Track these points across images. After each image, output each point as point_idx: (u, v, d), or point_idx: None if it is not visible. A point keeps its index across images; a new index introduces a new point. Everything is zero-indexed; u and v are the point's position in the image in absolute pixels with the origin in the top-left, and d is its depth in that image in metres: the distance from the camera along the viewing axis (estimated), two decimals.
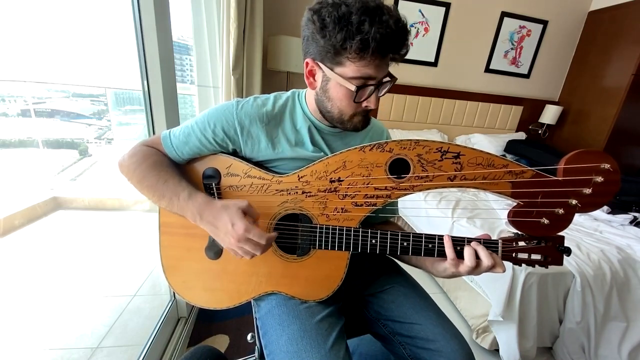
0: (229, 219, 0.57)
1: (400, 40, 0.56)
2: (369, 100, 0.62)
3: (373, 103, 0.62)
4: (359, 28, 0.53)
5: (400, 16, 0.55)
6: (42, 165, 1.22)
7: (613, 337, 1.34)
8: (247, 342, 1.25)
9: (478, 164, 0.60)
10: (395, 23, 0.54)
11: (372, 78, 0.59)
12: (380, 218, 0.82)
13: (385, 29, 0.53)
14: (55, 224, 1.27)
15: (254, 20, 1.79)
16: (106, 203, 1.59)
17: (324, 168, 0.65)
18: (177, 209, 0.62)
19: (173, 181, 0.64)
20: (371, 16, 0.52)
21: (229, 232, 0.57)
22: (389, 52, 0.57)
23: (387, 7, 0.55)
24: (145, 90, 0.97)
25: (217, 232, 0.59)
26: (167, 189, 0.63)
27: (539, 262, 0.63)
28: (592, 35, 2.65)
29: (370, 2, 0.54)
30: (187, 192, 0.62)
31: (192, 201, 0.61)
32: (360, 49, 0.54)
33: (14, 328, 0.95)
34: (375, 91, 0.61)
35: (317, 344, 0.61)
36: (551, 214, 0.59)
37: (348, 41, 0.54)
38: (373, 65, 0.57)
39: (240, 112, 0.67)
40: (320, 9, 0.56)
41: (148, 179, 0.64)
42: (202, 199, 0.61)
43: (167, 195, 0.62)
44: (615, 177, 0.56)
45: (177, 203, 0.62)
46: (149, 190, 0.64)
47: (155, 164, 0.65)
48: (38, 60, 0.97)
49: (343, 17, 0.53)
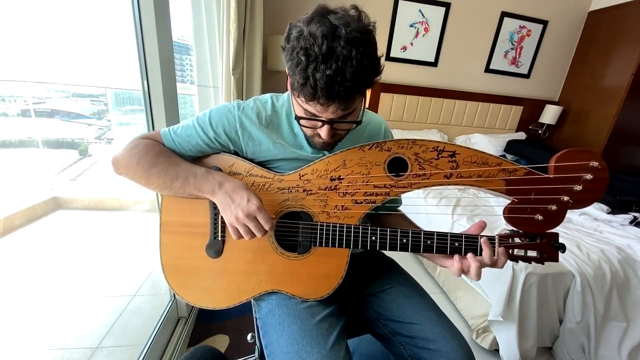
0: (246, 195, 0.61)
1: (335, 95, 0.52)
2: (320, 129, 0.60)
3: (323, 135, 0.60)
4: (296, 68, 0.52)
5: (353, 70, 0.51)
6: (42, 165, 1.22)
7: (613, 337, 1.34)
8: (247, 342, 1.25)
9: (473, 163, 0.62)
10: (332, 77, 0.50)
11: (316, 116, 0.58)
12: (385, 208, 0.81)
13: (316, 80, 0.51)
14: (55, 224, 1.27)
15: (254, 20, 1.79)
16: (106, 203, 1.59)
17: (325, 167, 0.66)
18: (193, 186, 0.64)
19: (185, 163, 0.66)
20: (308, 61, 0.51)
21: (241, 206, 0.60)
22: (317, 100, 0.54)
23: (337, 56, 0.50)
24: (145, 90, 0.97)
25: (230, 203, 0.61)
26: (181, 169, 0.65)
27: (535, 258, 0.64)
28: (592, 35, 2.65)
29: (317, 45, 0.50)
30: (203, 169, 0.66)
31: (211, 175, 0.64)
32: (295, 88, 0.55)
33: (14, 328, 0.95)
34: (324, 125, 0.59)
35: (317, 344, 0.61)
36: (545, 211, 0.61)
37: (291, 74, 0.55)
38: (312, 106, 0.56)
39: (241, 115, 0.68)
40: (292, 27, 0.55)
41: (157, 165, 0.65)
42: (221, 173, 0.66)
43: (182, 175, 0.65)
44: (604, 175, 0.58)
45: (193, 180, 0.64)
46: (159, 175, 0.65)
47: (163, 152, 0.67)
48: (38, 60, 0.97)
49: (293, 49, 0.53)
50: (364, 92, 0.57)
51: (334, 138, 0.64)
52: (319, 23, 0.51)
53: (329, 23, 0.51)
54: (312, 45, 0.51)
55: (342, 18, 0.52)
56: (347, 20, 0.52)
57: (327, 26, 0.51)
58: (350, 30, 0.51)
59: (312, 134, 0.64)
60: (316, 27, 0.51)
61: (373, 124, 0.79)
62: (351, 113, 0.59)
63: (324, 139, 0.61)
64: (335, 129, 0.61)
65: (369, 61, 0.53)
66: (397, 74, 2.59)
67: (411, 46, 2.55)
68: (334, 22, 0.51)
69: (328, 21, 0.51)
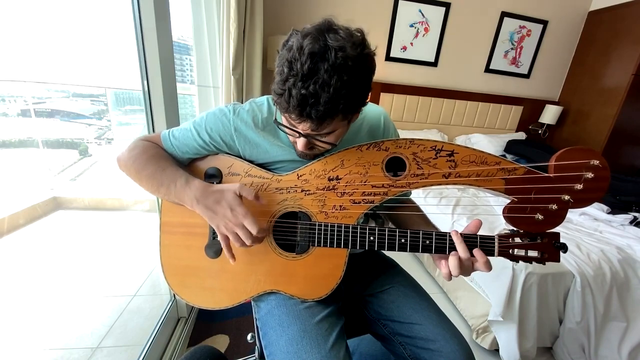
0: (227, 204, 0.59)
1: (310, 114, 0.51)
2: (297, 140, 0.60)
3: (299, 146, 0.60)
4: (278, 78, 0.53)
5: (331, 94, 0.49)
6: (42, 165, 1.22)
7: (613, 337, 1.34)
8: (247, 342, 1.25)
9: (472, 162, 0.62)
10: (306, 97, 0.50)
11: (295, 127, 0.58)
12: (396, 201, 0.80)
13: (291, 96, 0.50)
14: (55, 224, 1.27)
15: (254, 20, 1.79)
16: (106, 203, 1.59)
17: (323, 167, 0.66)
18: (174, 195, 0.64)
19: (171, 169, 0.65)
20: (288, 75, 0.51)
21: (226, 217, 0.59)
22: (293, 115, 0.54)
23: (317, 78, 0.49)
24: (145, 90, 0.97)
25: (213, 216, 0.60)
26: (165, 176, 0.64)
27: (536, 258, 0.63)
28: (592, 35, 2.65)
29: (299, 62, 0.49)
30: (184, 178, 0.64)
31: (189, 186, 0.63)
32: (275, 96, 0.55)
33: (14, 328, 0.95)
34: (300, 137, 0.59)
35: (317, 344, 0.61)
36: (545, 210, 0.60)
37: (275, 91, 0.54)
38: (291, 119, 0.56)
39: (236, 119, 0.68)
40: (287, 44, 0.54)
41: (147, 168, 0.65)
42: (199, 183, 0.63)
43: (165, 182, 0.64)
44: (605, 174, 0.57)
45: (174, 190, 0.63)
46: (148, 179, 0.65)
47: (155, 156, 0.67)
48: (38, 60, 0.97)
49: (280, 58, 0.53)
50: (345, 117, 0.56)
51: (312, 151, 0.63)
52: (313, 40, 0.50)
53: (324, 43, 0.50)
54: (296, 60, 0.50)
55: (339, 40, 0.50)
56: (343, 44, 0.50)
57: (320, 45, 0.49)
58: (342, 55, 0.49)
59: (292, 141, 0.64)
60: (308, 43, 0.49)
61: (370, 116, 0.77)
62: (328, 134, 0.58)
63: (300, 148, 0.61)
64: (312, 143, 0.60)
65: (349, 90, 0.51)
66: (397, 74, 2.58)
67: (411, 46, 2.55)
68: (329, 43, 0.49)
69: (324, 40, 0.50)
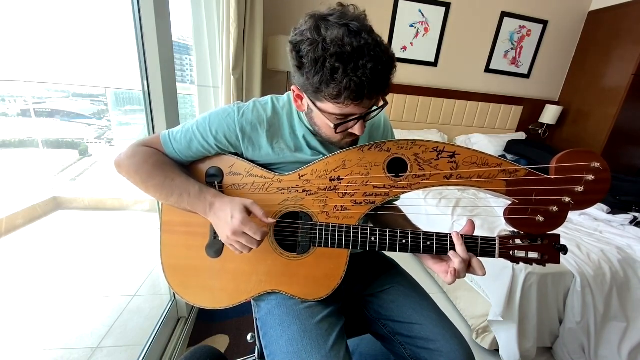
0: (230, 211, 0.60)
1: (378, 85, 0.53)
2: (353, 128, 0.60)
3: (358, 131, 0.60)
4: (332, 76, 0.51)
5: (383, 54, 0.51)
6: (42, 165, 1.22)
7: (613, 337, 1.34)
8: (247, 342, 1.25)
9: (473, 163, 0.62)
10: (373, 69, 0.50)
11: (352, 114, 0.57)
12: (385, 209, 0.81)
13: (360, 78, 0.50)
14: (55, 224, 1.27)
15: (254, 20, 1.79)
16: (106, 203, 1.59)
17: (324, 167, 0.66)
18: (187, 204, 0.64)
19: (181, 179, 0.66)
20: (345, 64, 0.50)
21: (227, 224, 0.59)
22: (364, 98, 0.53)
23: (368, 47, 0.50)
24: (145, 90, 0.97)
25: (218, 223, 0.62)
26: (176, 186, 0.65)
27: (537, 260, 0.63)
28: (592, 35, 2.65)
29: (347, 45, 0.49)
30: (197, 187, 0.65)
31: (204, 195, 0.64)
32: (335, 95, 0.53)
33: (14, 328, 0.95)
34: (359, 122, 0.59)
35: (317, 344, 0.61)
36: (546, 212, 0.60)
37: (323, 85, 0.52)
38: (352, 106, 0.55)
39: (241, 120, 0.67)
40: (298, 43, 0.54)
41: (154, 178, 0.65)
42: (213, 193, 0.65)
43: (177, 192, 0.64)
44: (606, 176, 0.57)
45: (187, 199, 0.64)
46: (156, 188, 0.65)
47: (159, 164, 0.66)
48: (38, 60, 0.97)
49: (318, 60, 0.51)
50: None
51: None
52: (330, 28, 0.51)
53: (339, 24, 0.51)
54: (341, 48, 0.50)
55: (342, 17, 0.52)
56: (348, 15, 0.52)
57: (340, 26, 0.51)
58: (356, 20, 0.52)
59: (341, 138, 0.64)
60: (334, 32, 0.50)
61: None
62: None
63: (360, 133, 0.61)
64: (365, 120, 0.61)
65: (389, 57, 0.54)
66: (397, 74, 2.56)
67: (411, 46, 2.55)
68: (343, 22, 0.51)
69: (336, 23, 0.51)
